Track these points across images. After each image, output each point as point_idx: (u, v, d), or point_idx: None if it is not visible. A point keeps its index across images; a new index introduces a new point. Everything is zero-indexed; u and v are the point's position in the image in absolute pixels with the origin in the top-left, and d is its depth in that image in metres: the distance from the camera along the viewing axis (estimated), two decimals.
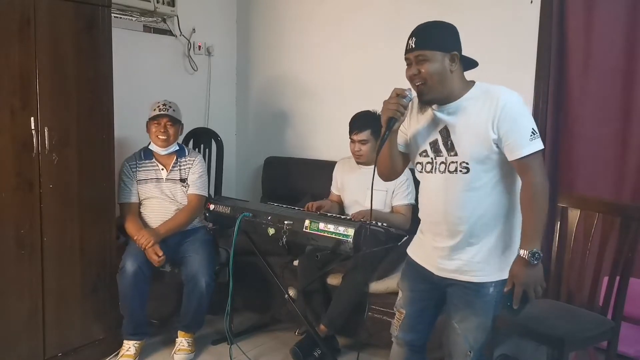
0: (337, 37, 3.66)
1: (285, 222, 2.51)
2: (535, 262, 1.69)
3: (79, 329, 2.71)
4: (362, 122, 2.88)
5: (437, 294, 1.94)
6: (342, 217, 2.71)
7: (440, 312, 2.00)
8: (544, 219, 1.72)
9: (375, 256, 2.75)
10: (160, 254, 2.77)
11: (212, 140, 3.52)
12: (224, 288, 2.70)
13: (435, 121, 1.84)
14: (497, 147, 1.73)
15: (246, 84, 4.17)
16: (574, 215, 2.40)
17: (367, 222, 2.48)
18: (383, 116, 1.80)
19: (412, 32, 1.80)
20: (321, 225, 2.43)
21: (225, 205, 2.83)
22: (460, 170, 1.77)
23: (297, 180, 3.66)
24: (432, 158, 1.84)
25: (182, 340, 2.87)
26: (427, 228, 1.93)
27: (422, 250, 1.97)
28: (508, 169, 1.77)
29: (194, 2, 3.79)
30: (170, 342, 2.96)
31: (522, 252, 1.70)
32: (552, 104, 2.92)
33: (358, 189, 2.91)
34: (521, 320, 2.19)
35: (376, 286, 2.77)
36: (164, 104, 2.95)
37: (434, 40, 1.76)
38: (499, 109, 1.70)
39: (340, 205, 3.06)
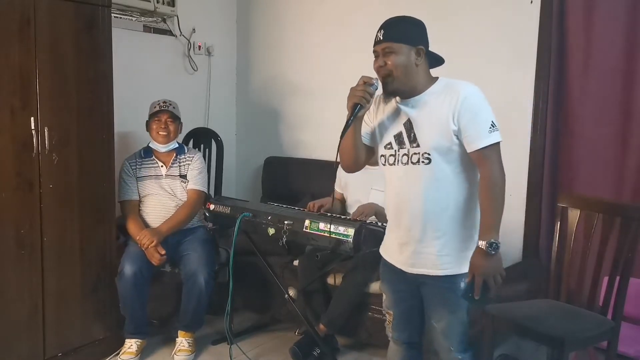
0: (337, 37, 3.66)
1: (285, 222, 2.51)
2: (494, 252, 1.73)
3: (79, 329, 2.71)
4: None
5: (417, 292, 1.95)
6: (342, 217, 2.71)
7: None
8: (500, 209, 1.76)
9: (375, 256, 2.73)
10: (163, 252, 2.78)
11: (212, 140, 3.52)
12: (224, 288, 2.70)
13: (399, 114, 1.87)
14: (457, 138, 1.77)
15: (246, 84, 4.17)
16: (574, 215, 2.40)
17: (366, 220, 2.47)
18: (349, 102, 1.83)
19: (381, 25, 1.86)
20: (321, 225, 2.43)
21: (225, 205, 2.83)
22: (423, 162, 1.81)
23: (297, 180, 3.66)
24: (395, 150, 1.88)
25: (183, 341, 2.87)
26: (393, 223, 1.95)
27: (391, 248, 1.98)
28: (469, 161, 1.80)
29: (194, 2, 3.79)
30: (171, 342, 2.96)
31: (480, 242, 1.74)
32: (552, 104, 2.92)
33: (361, 187, 2.91)
34: (521, 320, 2.20)
35: (376, 286, 2.77)
36: (164, 102, 2.99)
37: (401, 33, 1.82)
38: (459, 102, 1.75)
39: (343, 204, 3.06)
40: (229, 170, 3.97)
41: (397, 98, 1.87)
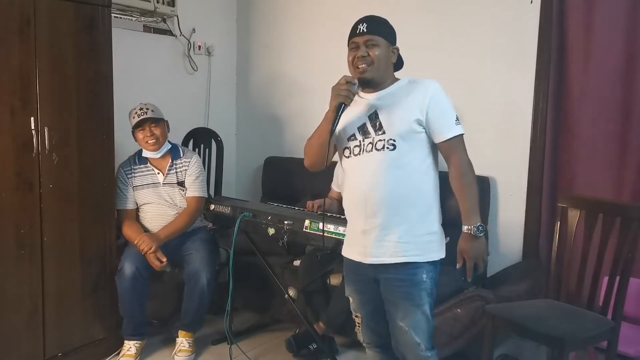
0: (337, 37, 3.63)
1: (285, 222, 2.51)
2: (480, 235, 1.82)
3: (79, 329, 2.71)
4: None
5: (382, 295, 1.95)
6: (342, 217, 2.70)
7: None
8: (476, 194, 1.86)
9: None
10: (164, 259, 2.77)
11: (212, 140, 3.51)
12: (224, 288, 2.70)
13: (363, 107, 1.93)
14: (421, 126, 1.84)
15: (246, 84, 4.17)
16: (574, 215, 2.40)
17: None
18: (333, 101, 1.88)
19: (362, 19, 1.95)
20: (321, 225, 2.43)
21: (225, 205, 2.83)
22: (387, 147, 1.85)
23: (297, 180, 3.66)
24: (360, 141, 1.92)
25: (183, 341, 2.86)
26: (353, 212, 1.96)
27: (353, 241, 1.98)
28: (431, 150, 1.89)
29: (194, 2, 3.79)
30: (171, 341, 2.96)
31: (466, 227, 1.83)
32: (552, 104, 2.92)
33: None
34: (521, 320, 2.20)
35: None
36: (140, 109, 2.88)
37: (383, 30, 1.93)
38: (429, 95, 1.84)
39: (340, 203, 3.05)
40: (229, 170, 3.97)
41: (364, 93, 1.94)
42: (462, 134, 1.86)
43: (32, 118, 2.43)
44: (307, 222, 2.48)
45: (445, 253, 1.92)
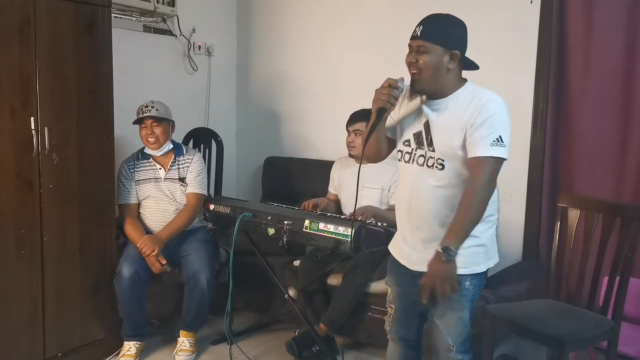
0: (337, 37, 3.66)
1: (285, 222, 2.51)
2: (445, 259, 1.67)
3: (79, 329, 2.71)
4: (358, 115, 2.91)
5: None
6: (342, 217, 2.71)
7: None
8: (472, 221, 1.71)
9: (375, 256, 2.74)
10: (164, 262, 2.78)
11: (212, 140, 3.51)
12: (224, 288, 2.70)
13: (421, 113, 1.86)
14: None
15: (246, 84, 4.17)
16: (574, 215, 2.40)
17: (365, 220, 2.48)
18: (374, 105, 1.82)
19: (422, 19, 1.80)
20: (321, 225, 2.43)
21: (225, 205, 2.82)
22: (437, 166, 1.81)
23: (297, 180, 3.66)
24: (412, 149, 1.88)
25: (184, 340, 2.86)
26: (401, 221, 1.96)
27: (397, 245, 2.00)
28: None
29: (194, 2, 3.79)
30: (171, 341, 2.96)
31: (440, 246, 1.69)
32: (552, 104, 2.92)
33: (353, 185, 2.90)
34: (521, 320, 2.20)
35: (376, 286, 2.77)
36: (146, 106, 2.90)
37: (440, 34, 1.76)
38: (479, 109, 1.72)
39: (337, 205, 3.06)
40: (229, 170, 3.97)
41: (423, 97, 1.85)
42: (497, 158, 1.70)
43: (32, 118, 2.43)
44: (307, 222, 2.47)
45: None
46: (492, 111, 1.72)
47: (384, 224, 2.64)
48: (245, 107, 4.20)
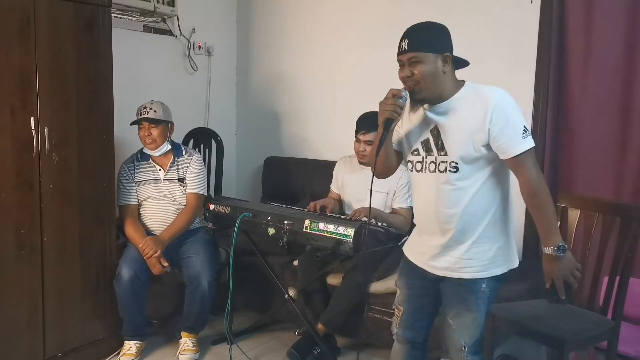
0: (337, 37, 3.66)
1: (285, 222, 2.51)
2: (562, 254, 1.74)
3: (79, 329, 2.71)
4: (370, 122, 2.84)
5: (433, 291, 1.97)
6: (342, 217, 2.71)
7: (437, 308, 2.02)
8: (552, 212, 1.77)
9: (376, 256, 2.75)
10: (166, 264, 2.78)
11: (212, 140, 3.52)
12: (224, 288, 2.70)
13: (426, 121, 1.86)
14: (487, 149, 1.76)
15: (246, 84, 4.17)
16: (574, 215, 2.40)
17: (367, 221, 2.47)
18: (380, 117, 1.81)
19: (405, 33, 1.81)
20: (321, 225, 2.43)
21: (225, 205, 2.83)
22: (450, 170, 1.80)
23: (297, 180, 3.66)
24: (422, 157, 1.87)
25: (187, 341, 2.87)
26: (421, 228, 1.96)
27: (415, 249, 2.00)
28: (497, 166, 1.80)
29: (194, 2, 3.79)
30: (172, 341, 2.97)
31: (546, 249, 1.76)
32: (552, 104, 2.92)
33: (359, 189, 2.90)
34: (521, 320, 2.20)
35: (376, 286, 2.77)
36: (145, 107, 2.89)
37: (427, 42, 1.77)
38: (490, 111, 1.72)
39: (340, 204, 3.06)
40: (229, 170, 3.97)
41: (425, 105, 1.85)
42: (532, 148, 1.74)
43: (32, 118, 2.43)
44: (307, 222, 2.48)
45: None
46: (507, 107, 1.73)
47: (384, 224, 2.65)
48: (245, 107, 4.20)
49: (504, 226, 1.85)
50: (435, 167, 1.83)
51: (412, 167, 1.92)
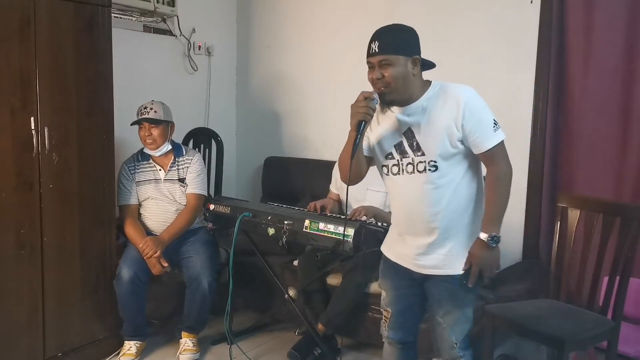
0: (337, 37, 3.66)
1: (285, 222, 2.51)
2: (494, 245, 1.79)
3: (79, 329, 2.71)
4: None
5: (419, 290, 1.97)
6: (342, 217, 2.71)
7: (424, 306, 2.02)
8: (504, 204, 1.82)
9: (375, 256, 2.74)
10: (166, 264, 2.78)
11: (212, 140, 3.52)
12: (224, 288, 2.70)
13: (398, 124, 1.87)
14: (462, 143, 1.80)
15: (246, 84, 4.17)
16: (574, 215, 2.39)
17: (366, 220, 2.48)
18: (353, 120, 1.82)
19: (374, 35, 1.82)
20: (321, 225, 2.43)
21: (225, 205, 2.82)
22: (429, 169, 1.82)
23: (297, 180, 3.66)
24: (398, 160, 1.88)
25: (187, 341, 2.87)
26: (404, 230, 1.96)
27: (397, 249, 2.00)
28: (472, 159, 1.85)
29: (194, 2, 3.79)
30: (172, 341, 2.97)
31: (482, 235, 1.80)
32: (552, 104, 2.92)
33: (358, 189, 2.89)
34: (521, 320, 2.20)
35: (376, 286, 2.77)
36: (145, 107, 2.90)
37: (397, 44, 1.79)
38: (461, 109, 1.76)
39: (340, 204, 3.06)
40: (229, 170, 3.97)
41: (394, 108, 1.86)
42: (502, 141, 1.80)
43: (32, 118, 2.43)
44: (307, 222, 2.47)
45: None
46: (477, 103, 1.79)
47: (384, 224, 2.65)
48: (245, 107, 4.20)
49: (480, 220, 1.87)
50: (414, 168, 1.85)
51: (388, 171, 1.92)
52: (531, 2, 2.92)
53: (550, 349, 2.38)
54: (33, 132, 2.44)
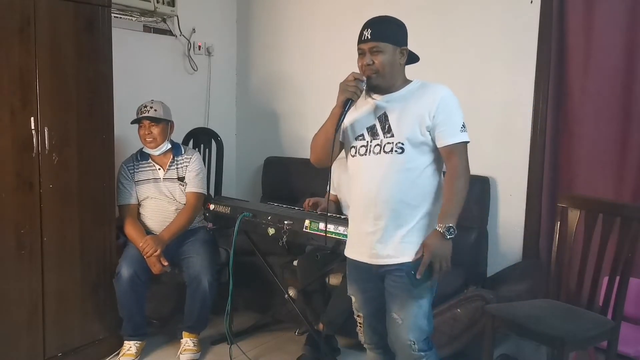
0: (337, 37, 3.65)
1: (285, 222, 2.51)
2: (449, 237, 1.82)
3: (79, 329, 2.71)
4: None
5: (384, 290, 1.97)
6: (342, 217, 2.70)
7: None
8: (461, 200, 1.86)
9: None
10: (166, 263, 2.78)
11: (212, 140, 3.52)
12: (224, 288, 2.70)
13: (374, 109, 1.94)
14: (430, 133, 1.86)
15: (246, 84, 4.17)
16: (574, 215, 2.39)
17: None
18: (340, 96, 1.90)
19: (367, 23, 1.93)
20: (321, 225, 2.43)
21: (225, 205, 2.83)
22: (396, 151, 1.88)
23: (297, 180, 3.66)
24: (367, 141, 1.94)
25: (188, 341, 2.87)
26: (358, 213, 1.98)
27: (356, 247, 2.01)
28: (436, 156, 1.91)
29: (194, 2, 3.79)
30: (172, 341, 2.97)
31: (438, 226, 1.83)
32: (552, 104, 2.92)
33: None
34: (521, 320, 2.20)
35: None
36: (145, 106, 2.91)
37: (388, 33, 1.91)
38: (437, 101, 1.85)
39: (337, 205, 3.06)
40: (229, 170, 3.97)
41: (375, 95, 1.94)
42: (466, 142, 1.87)
43: (32, 118, 2.43)
44: (307, 222, 2.48)
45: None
46: (452, 102, 1.87)
47: None
48: (245, 107, 4.20)
49: (437, 214, 1.89)
50: (381, 149, 1.90)
51: (356, 152, 1.96)
52: (531, 2, 2.91)
53: (550, 349, 2.38)
54: (33, 132, 2.44)
